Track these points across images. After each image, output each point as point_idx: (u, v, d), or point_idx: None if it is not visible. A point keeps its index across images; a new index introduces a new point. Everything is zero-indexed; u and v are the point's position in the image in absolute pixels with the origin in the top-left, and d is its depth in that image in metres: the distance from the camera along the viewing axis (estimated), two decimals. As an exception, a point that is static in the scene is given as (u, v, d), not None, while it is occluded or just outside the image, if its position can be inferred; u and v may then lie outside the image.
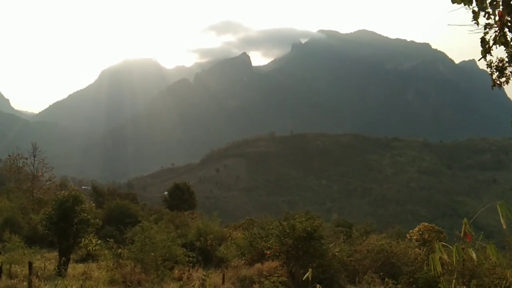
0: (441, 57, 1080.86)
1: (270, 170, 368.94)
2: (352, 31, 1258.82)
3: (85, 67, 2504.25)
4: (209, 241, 33.73)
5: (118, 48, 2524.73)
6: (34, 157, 56.72)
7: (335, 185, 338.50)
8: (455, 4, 6.47)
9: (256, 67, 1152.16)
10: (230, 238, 37.11)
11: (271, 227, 28.29)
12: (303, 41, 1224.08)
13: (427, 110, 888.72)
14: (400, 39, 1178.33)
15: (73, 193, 26.54)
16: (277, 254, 25.28)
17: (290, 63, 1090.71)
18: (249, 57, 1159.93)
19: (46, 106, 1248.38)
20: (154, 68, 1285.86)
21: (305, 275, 5.57)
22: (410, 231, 36.82)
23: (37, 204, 49.03)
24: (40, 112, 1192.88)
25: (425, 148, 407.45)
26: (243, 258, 29.17)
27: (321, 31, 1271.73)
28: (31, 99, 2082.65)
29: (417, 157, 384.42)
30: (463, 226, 4.19)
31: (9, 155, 59.48)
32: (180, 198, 71.93)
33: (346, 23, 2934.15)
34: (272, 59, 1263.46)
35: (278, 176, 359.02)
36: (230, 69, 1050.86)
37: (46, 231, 26.74)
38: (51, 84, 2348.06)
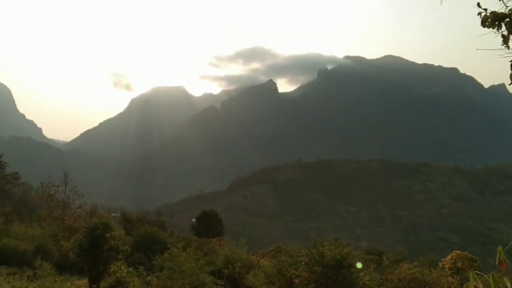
0: (469, 81, 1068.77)
1: (297, 196, 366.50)
2: (379, 57, 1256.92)
3: (116, 96, 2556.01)
4: (237, 268, 33.53)
5: (148, 76, 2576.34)
6: (66, 185, 57.69)
7: (364, 212, 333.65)
8: (485, 28, 6.60)
9: (282, 93, 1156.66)
10: (258, 266, 36.81)
11: (300, 254, 27.96)
12: (329, 67, 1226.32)
13: (457, 135, 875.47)
14: (428, 64, 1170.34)
15: (103, 220, 26.88)
16: (306, 282, 24.93)
17: (316, 89, 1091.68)
18: (275, 83, 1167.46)
19: (78, 134, 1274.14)
20: (183, 96, 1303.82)
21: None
22: (443, 259, 35.97)
23: (68, 231, 49.62)
24: (71, 141, 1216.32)
25: (455, 174, 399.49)
26: (272, 286, 28.85)
27: (347, 57, 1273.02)
28: (63, 127, 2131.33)
29: (447, 183, 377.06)
30: (498, 254, 4.09)
31: (41, 183, 60.64)
32: (208, 225, 71.98)
33: (372, 49, 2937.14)
34: (298, 85, 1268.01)
35: (305, 202, 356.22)
36: (257, 96, 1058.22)
37: (77, 258, 27.03)
38: (83, 113, 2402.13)
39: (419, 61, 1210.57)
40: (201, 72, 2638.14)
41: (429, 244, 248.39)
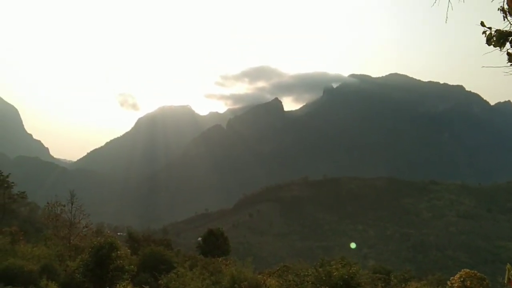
0: (475, 99, 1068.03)
1: (304, 214, 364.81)
2: (384, 75, 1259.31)
3: (123, 115, 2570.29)
4: (243, 288, 33.27)
5: (155, 96, 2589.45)
6: (72, 204, 57.72)
7: (371, 230, 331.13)
8: (490, 46, 6.67)
9: (288, 112, 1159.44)
10: (264, 285, 36.52)
11: (307, 274, 27.80)
12: (335, 85, 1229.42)
13: (463, 152, 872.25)
14: (433, 82, 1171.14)
15: (108, 239, 26.86)
16: (313, 302, 24.73)
17: (322, 108, 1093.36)
18: (281, 102, 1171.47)
19: (84, 154, 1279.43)
20: (189, 115, 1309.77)
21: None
22: (451, 278, 35.61)
23: (74, 251, 49.51)
24: (78, 160, 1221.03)
25: (463, 191, 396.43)
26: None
27: (353, 75, 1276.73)
28: (70, 147, 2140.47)
29: (455, 200, 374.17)
30: (507, 272, 4.15)
31: (48, 203, 60.70)
32: (214, 243, 71.73)
33: (377, 67, 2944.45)
34: (304, 103, 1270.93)
35: (312, 221, 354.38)
36: (263, 114, 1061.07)
37: (83, 278, 26.98)
38: (90, 133, 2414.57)
39: (425, 78, 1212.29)
40: (207, 91, 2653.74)
41: (437, 262, 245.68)
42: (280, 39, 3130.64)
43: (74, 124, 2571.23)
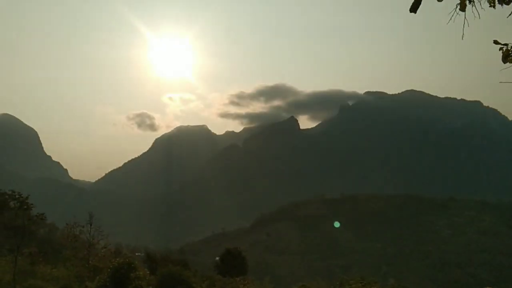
0: (493, 114, 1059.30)
1: (321, 233, 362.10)
2: (400, 91, 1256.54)
3: (140, 136, 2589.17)
4: (262, 308, 33.13)
5: (172, 116, 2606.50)
6: (91, 225, 58.21)
7: (390, 248, 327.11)
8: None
9: (304, 130, 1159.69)
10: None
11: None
12: (351, 103, 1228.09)
13: (482, 169, 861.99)
14: (450, 98, 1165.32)
15: (127, 260, 27.05)
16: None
17: (338, 125, 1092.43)
18: (297, 120, 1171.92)
19: (102, 175, 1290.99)
20: (205, 135, 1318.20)
21: None
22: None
23: (93, 272, 49.83)
24: (96, 181, 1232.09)
25: (483, 208, 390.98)
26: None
27: (368, 92, 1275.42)
28: (88, 168, 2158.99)
29: (475, 217, 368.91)
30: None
31: (67, 224, 61.27)
32: (232, 263, 71.62)
33: (393, 84, 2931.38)
34: (320, 122, 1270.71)
35: (330, 239, 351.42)
36: (279, 133, 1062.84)
37: (102, 299, 27.13)
38: (108, 154, 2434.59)
39: (441, 95, 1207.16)
40: (222, 111, 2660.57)
41: (458, 281, 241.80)
42: (295, 58, 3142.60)
43: (92, 146, 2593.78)
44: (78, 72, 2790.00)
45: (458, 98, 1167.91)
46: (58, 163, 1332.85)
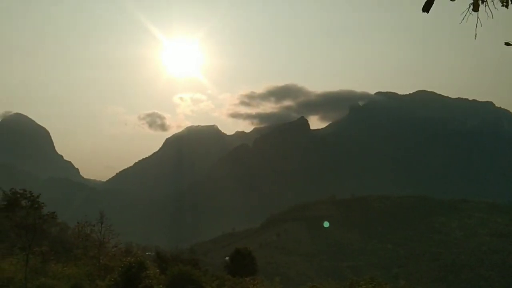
0: (505, 114, 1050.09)
1: (331, 234, 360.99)
2: (411, 92, 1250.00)
3: (151, 136, 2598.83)
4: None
5: (182, 116, 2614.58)
6: (101, 224, 58.43)
7: (401, 249, 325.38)
8: None
9: (314, 130, 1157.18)
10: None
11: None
12: (361, 103, 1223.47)
13: (493, 170, 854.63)
14: (462, 99, 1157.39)
15: (138, 259, 27.14)
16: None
17: (348, 126, 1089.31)
18: (307, 121, 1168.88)
19: (113, 174, 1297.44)
20: (215, 135, 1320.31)
21: None
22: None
23: (104, 271, 50.04)
24: (107, 180, 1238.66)
25: (495, 209, 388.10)
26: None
27: (379, 93, 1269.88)
28: (100, 168, 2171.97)
29: (487, 219, 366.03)
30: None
31: (78, 223, 61.56)
32: (241, 263, 71.56)
33: (404, 84, 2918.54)
34: (330, 122, 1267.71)
35: (340, 240, 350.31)
36: (289, 133, 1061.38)
37: (112, 298, 27.23)
38: (119, 153, 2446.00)
39: (453, 95, 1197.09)
40: (233, 111, 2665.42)
41: (470, 283, 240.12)
42: (306, 58, 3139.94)
43: (103, 145, 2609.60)
44: (90, 72, 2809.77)
45: (470, 98, 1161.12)
46: (70, 162, 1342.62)
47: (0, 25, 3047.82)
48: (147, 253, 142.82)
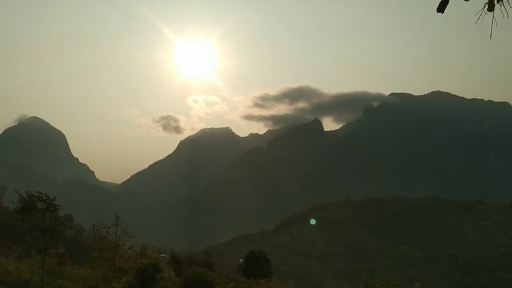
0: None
1: (346, 236, 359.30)
2: (426, 93, 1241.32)
3: (166, 138, 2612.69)
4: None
5: (196, 118, 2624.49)
6: (117, 226, 58.75)
7: (416, 251, 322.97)
8: None
9: (328, 132, 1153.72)
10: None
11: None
12: (376, 104, 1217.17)
13: (510, 171, 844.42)
14: (477, 99, 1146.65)
15: (153, 261, 27.27)
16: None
17: (363, 127, 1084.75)
18: (321, 122, 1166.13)
19: (128, 176, 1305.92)
20: (229, 137, 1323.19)
21: None
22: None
23: (119, 272, 50.31)
24: (122, 183, 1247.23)
25: (511, 211, 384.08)
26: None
27: (394, 94, 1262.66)
28: (115, 170, 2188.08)
29: (504, 220, 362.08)
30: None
31: (93, 225, 61.99)
32: (256, 265, 71.51)
33: (419, 85, 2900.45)
34: (344, 123, 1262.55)
35: (355, 242, 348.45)
36: (303, 135, 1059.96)
37: (128, 299, 27.39)
38: (134, 156, 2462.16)
39: (468, 96, 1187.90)
40: (247, 113, 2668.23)
41: (487, 285, 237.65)
42: (320, 59, 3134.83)
43: (118, 148, 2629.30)
44: (105, 75, 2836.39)
45: (486, 99, 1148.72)
46: (85, 165, 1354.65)
47: (16, 29, 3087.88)
48: (161, 255, 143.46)
